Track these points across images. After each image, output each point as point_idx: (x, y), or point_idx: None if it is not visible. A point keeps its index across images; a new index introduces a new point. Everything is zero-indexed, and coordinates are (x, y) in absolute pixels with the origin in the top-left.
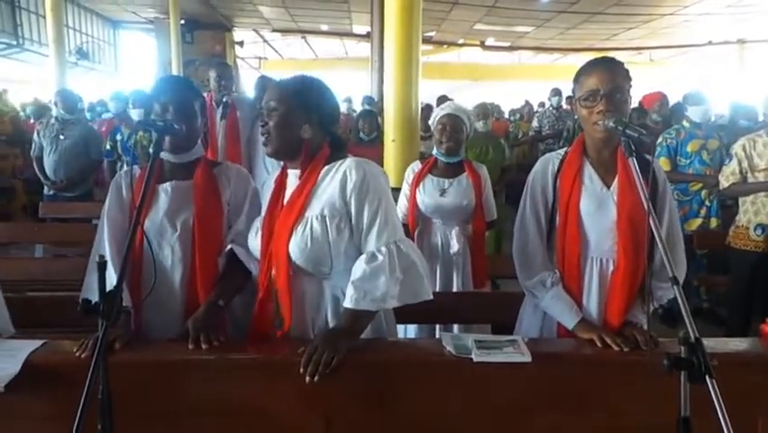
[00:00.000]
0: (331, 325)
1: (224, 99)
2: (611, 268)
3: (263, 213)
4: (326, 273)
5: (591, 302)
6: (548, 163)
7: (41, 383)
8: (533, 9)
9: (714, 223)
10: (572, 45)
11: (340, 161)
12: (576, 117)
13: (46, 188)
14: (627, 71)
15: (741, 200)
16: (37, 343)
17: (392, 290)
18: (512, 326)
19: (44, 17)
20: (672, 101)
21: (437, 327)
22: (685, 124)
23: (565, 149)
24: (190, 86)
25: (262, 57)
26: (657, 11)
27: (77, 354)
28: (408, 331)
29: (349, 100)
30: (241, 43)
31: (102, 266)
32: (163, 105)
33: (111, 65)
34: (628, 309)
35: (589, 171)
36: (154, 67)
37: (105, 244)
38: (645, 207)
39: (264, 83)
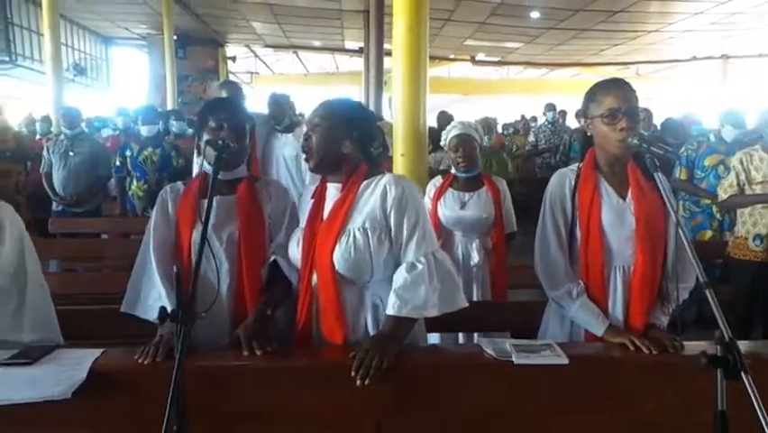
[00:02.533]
0: (371, 330)
1: None
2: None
3: (303, 224)
4: (366, 282)
5: (617, 308)
6: (564, 179)
7: (107, 390)
8: (522, 26)
9: (727, 236)
10: (561, 60)
11: (378, 177)
12: (571, 131)
13: (54, 203)
14: None
15: (739, 212)
16: (97, 351)
17: (432, 298)
18: (531, 333)
19: (37, 33)
20: (655, 114)
21: (459, 335)
22: (711, 137)
23: (578, 164)
24: (243, 108)
25: (254, 72)
26: (643, 27)
27: (140, 360)
28: (431, 340)
29: None
30: (233, 58)
31: (178, 277)
32: (218, 122)
33: (104, 81)
34: (650, 312)
35: (604, 185)
36: (146, 82)
37: (151, 257)
38: (674, 217)
39: (277, 100)
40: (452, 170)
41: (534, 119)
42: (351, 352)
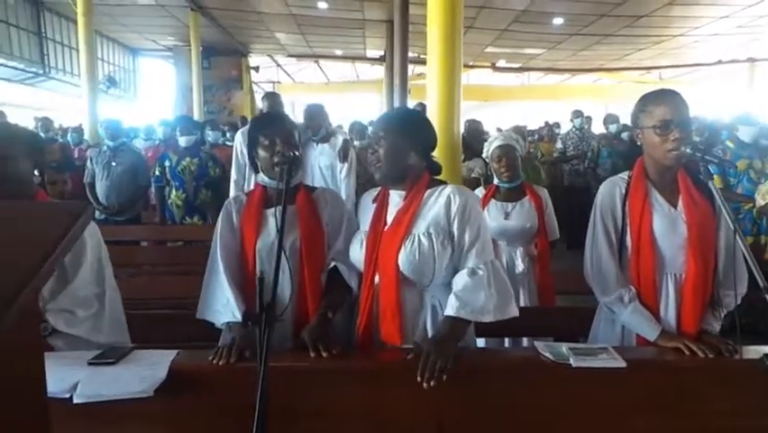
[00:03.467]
0: (429, 332)
1: None
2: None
3: (366, 228)
4: (426, 285)
5: (669, 315)
6: (614, 187)
7: (185, 388)
8: (545, 32)
9: (764, 240)
10: (583, 66)
11: (441, 187)
12: (598, 138)
13: (97, 212)
14: None
15: None
16: (173, 352)
17: (489, 304)
18: (575, 338)
19: (69, 47)
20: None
21: (505, 340)
22: (729, 144)
23: (627, 173)
24: (290, 119)
25: (276, 81)
26: (668, 32)
27: (214, 361)
28: (478, 343)
29: (372, 123)
30: (256, 68)
31: (261, 281)
32: (270, 137)
33: (132, 92)
34: (702, 318)
35: (654, 194)
36: (173, 92)
37: (219, 265)
38: (730, 225)
39: (313, 111)
40: (495, 181)
41: (558, 125)
42: (409, 353)
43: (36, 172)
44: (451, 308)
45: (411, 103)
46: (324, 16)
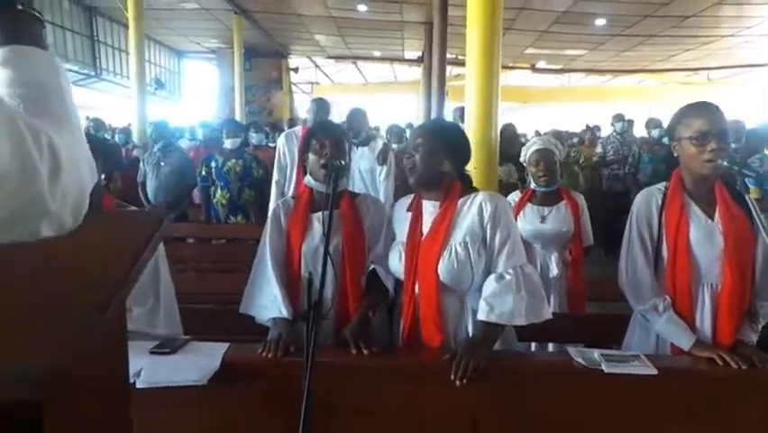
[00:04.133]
0: (471, 335)
1: None
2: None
3: (403, 238)
4: (465, 290)
5: (704, 325)
6: (651, 198)
7: (236, 378)
8: (586, 33)
9: None
10: (626, 67)
11: (473, 194)
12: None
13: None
14: None
15: None
16: (225, 345)
17: (519, 307)
18: (605, 345)
19: (119, 50)
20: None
21: (533, 344)
22: (766, 151)
23: (664, 183)
24: (343, 128)
25: (314, 82)
26: (717, 32)
27: (263, 354)
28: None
29: (410, 126)
30: (296, 69)
31: (309, 282)
32: (321, 143)
33: (176, 92)
34: (739, 329)
35: (691, 205)
36: (215, 93)
37: (268, 264)
38: (767, 238)
39: (355, 115)
40: (531, 185)
41: (599, 128)
42: (445, 354)
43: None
44: (481, 313)
45: (449, 105)
46: (363, 18)
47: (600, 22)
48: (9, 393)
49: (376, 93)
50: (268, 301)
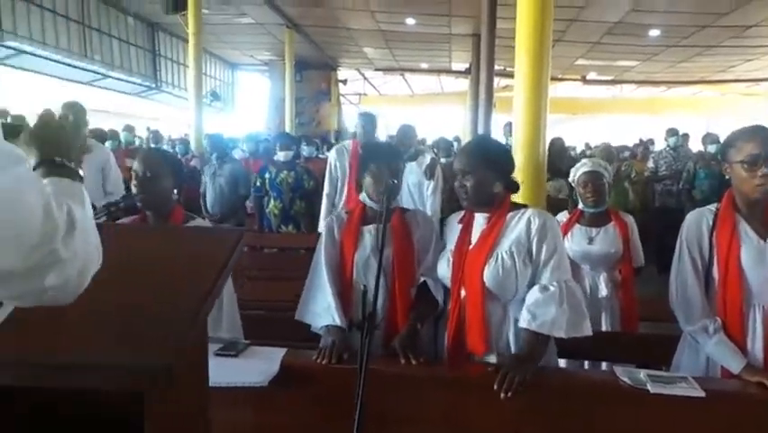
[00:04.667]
0: (512, 343)
1: None
2: None
3: (452, 247)
4: (509, 299)
5: (756, 347)
6: (702, 218)
7: (294, 382)
8: (639, 45)
9: None
10: (682, 78)
11: (522, 210)
12: (696, 158)
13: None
14: None
15: None
16: (282, 350)
17: (560, 320)
18: (656, 366)
19: (178, 63)
20: None
21: (585, 363)
22: None
23: (716, 205)
24: (399, 151)
25: (362, 93)
26: None
27: (318, 360)
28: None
29: (457, 140)
30: (344, 81)
31: (364, 294)
32: (378, 165)
33: (230, 103)
34: None
35: (743, 226)
36: (266, 104)
37: (323, 273)
38: None
39: (405, 131)
40: (580, 205)
41: (652, 142)
42: (490, 366)
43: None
44: (523, 321)
45: (496, 117)
46: (411, 31)
47: (655, 32)
48: (123, 382)
49: (422, 104)
50: (321, 309)
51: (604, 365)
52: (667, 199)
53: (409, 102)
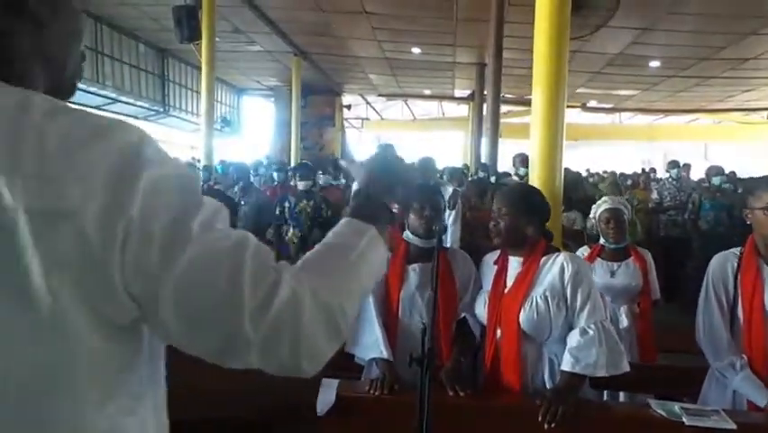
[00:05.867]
0: (547, 381)
1: None
2: None
3: (487, 287)
4: (544, 339)
5: None
6: (726, 262)
7: (348, 412)
8: (640, 75)
9: None
10: (681, 107)
11: (555, 254)
12: (699, 189)
13: None
14: None
15: None
16: (335, 381)
17: (601, 360)
18: (677, 397)
19: (186, 87)
20: None
21: (605, 392)
22: None
23: (739, 249)
24: (440, 190)
25: (364, 118)
26: None
27: (371, 392)
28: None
29: (467, 168)
30: (348, 106)
31: (424, 332)
32: (421, 204)
33: (236, 128)
34: None
35: (766, 269)
36: (270, 128)
37: (372, 307)
38: None
39: (425, 164)
40: (601, 241)
41: (654, 171)
42: (536, 399)
43: None
44: (566, 364)
45: (502, 143)
46: (416, 60)
47: (654, 64)
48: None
49: (424, 129)
50: (370, 342)
51: (622, 396)
52: (672, 229)
53: (411, 127)
